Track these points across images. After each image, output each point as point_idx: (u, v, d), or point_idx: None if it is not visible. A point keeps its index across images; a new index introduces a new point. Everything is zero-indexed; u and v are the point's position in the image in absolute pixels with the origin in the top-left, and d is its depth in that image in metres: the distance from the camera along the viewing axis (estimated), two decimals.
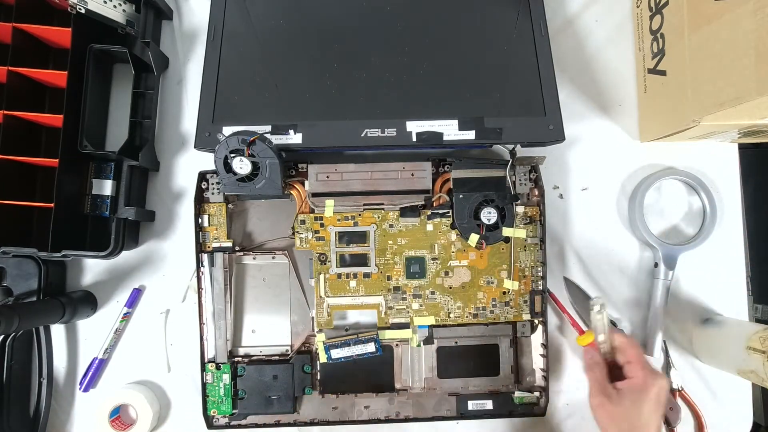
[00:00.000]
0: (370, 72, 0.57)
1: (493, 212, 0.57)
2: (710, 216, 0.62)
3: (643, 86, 0.64)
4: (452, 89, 0.57)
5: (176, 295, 0.62)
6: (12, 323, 0.49)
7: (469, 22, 0.59)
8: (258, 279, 0.61)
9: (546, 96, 0.56)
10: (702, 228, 0.63)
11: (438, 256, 0.58)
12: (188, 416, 0.60)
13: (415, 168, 0.58)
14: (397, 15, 0.60)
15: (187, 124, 0.63)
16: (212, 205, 0.59)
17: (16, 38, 0.55)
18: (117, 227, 0.57)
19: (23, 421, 0.58)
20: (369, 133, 0.55)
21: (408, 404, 0.59)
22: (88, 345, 0.61)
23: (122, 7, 0.57)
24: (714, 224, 0.62)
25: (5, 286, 0.56)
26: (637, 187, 0.63)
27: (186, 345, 0.61)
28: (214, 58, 0.57)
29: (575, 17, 0.66)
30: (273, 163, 0.53)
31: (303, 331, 0.60)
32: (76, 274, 0.62)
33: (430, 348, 0.59)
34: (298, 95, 0.57)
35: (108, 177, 0.60)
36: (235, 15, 0.59)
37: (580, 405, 0.62)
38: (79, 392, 0.60)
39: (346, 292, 0.58)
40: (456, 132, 0.55)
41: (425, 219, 0.58)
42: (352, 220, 0.58)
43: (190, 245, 0.58)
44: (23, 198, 0.56)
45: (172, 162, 0.63)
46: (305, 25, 0.59)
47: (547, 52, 0.58)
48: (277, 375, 0.58)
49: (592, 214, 0.64)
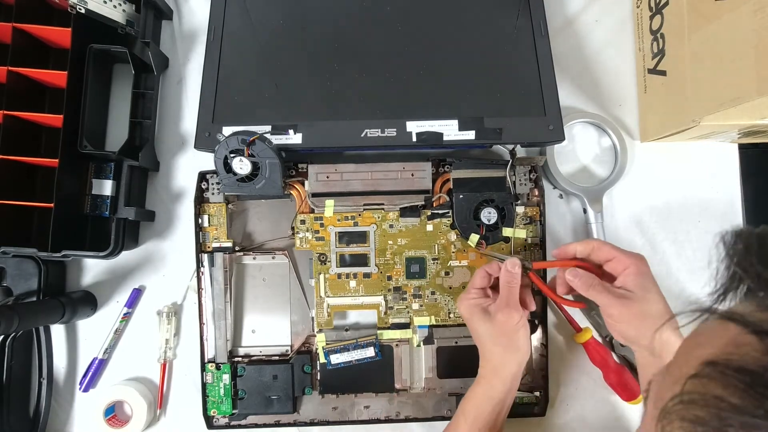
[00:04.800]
0: (370, 72, 0.57)
1: (493, 212, 0.57)
2: (620, 151, 0.63)
3: (643, 86, 0.64)
4: (452, 89, 0.57)
5: (176, 295, 0.62)
6: (12, 323, 0.49)
7: (469, 22, 0.59)
8: (258, 279, 0.61)
9: (546, 96, 0.56)
10: (616, 162, 0.63)
11: (438, 256, 0.58)
12: (188, 416, 0.60)
13: (415, 168, 0.58)
14: (397, 15, 0.60)
15: (187, 124, 0.63)
16: (212, 205, 0.59)
17: (16, 38, 0.55)
18: (117, 227, 0.57)
19: (23, 421, 0.58)
20: (369, 133, 0.55)
21: (408, 404, 0.59)
22: (88, 345, 0.61)
23: (122, 7, 0.57)
24: (626, 157, 0.63)
25: (5, 286, 0.56)
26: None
27: (186, 345, 0.61)
28: (214, 58, 0.57)
29: (575, 17, 0.66)
30: (273, 163, 0.53)
31: (303, 331, 0.60)
32: (76, 274, 0.61)
33: (430, 348, 0.59)
34: (298, 95, 0.57)
35: (108, 177, 0.59)
36: (235, 15, 0.59)
37: (580, 405, 0.62)
38: (79, 392, 0.60)
39: (346, 292, 0.58)
40: (456, 132, 0.55)
41: (425, 219, 0.58)
42: (352, 220, 0.58)
43: (190, 245, 0.58)
44: (23, 198, 0.56)
45: (172, 162, 0.63)
46: (305, 25, 0.59)
47: (547, 52, 0.58)
48: (277, 375, 0.58)
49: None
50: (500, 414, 0.50)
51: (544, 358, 0.59)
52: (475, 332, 0.51)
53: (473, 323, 0.50)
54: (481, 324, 0.50)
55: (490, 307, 0.50)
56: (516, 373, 0.50)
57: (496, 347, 0.49)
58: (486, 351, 0.50)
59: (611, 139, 0.64)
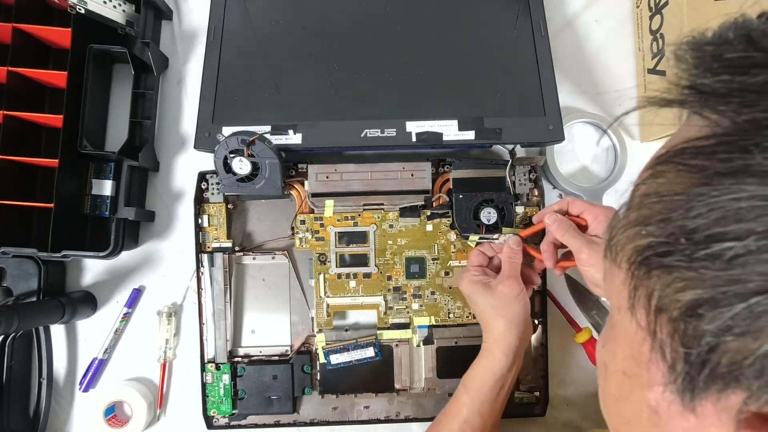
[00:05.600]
0: (370, 72, 0.57)
1: (493, 212, 0.57)
2: (620, 151, 0.63)
3: (643, 86, 0.64)
4: (452, 89, 0.57)
5: (176, 295, 0.62)
6: (12, 323, 0.49)
7: (469, 22, 0.59)
8: (258, 279, 0.61)
9: (546, 96, 0.56)
10: (616, 162, 0.63)
11: (438, 256, 0.58)
12: (188, 416, 0.60)
13: (415, 168, 0.58)
14: (397, 15, 0.60)
15: (186, 124, 0.63)
16: (212, 206, 0.59)
17: (16, 38, 0.55)
18: (117, 227, 0.57)
19: (23, 421, 0.58)
20: (369, 134, 0.55)
21: (408, 404, 0.59)
22: (88, 345, 0.61)
23: (122, 7, 0.57)
24: (626, 157, 0.63)
25: (5, 286, 0.56)
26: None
27: (186, 345, 0.61)
28: (214, 58, 0.57)
29: (575, 17, 0.66)
30: (273, 164, 0.53)
31: (303, 331, 0.60)
32: (76, 274, 0.61)
33: (430, 348, 0.59)
34: (298, 95, 0.57)
35: (108, 177, 0.59)
36: (235, 15, 0.59)
37: (580, 405, 0.62)
38: (79, 392, 0.60)
39: (346, 292, 0.58)
40: (456, 132, 0.55)
41: (425, 219, 0.58)
42: (351, 220, 0.58)
43: (190, 245, 0.58)
44: (23, 198, 0.56)
45: (172, 162, 0.63)
46: (305, 25, 0.59)
47: (547, 52, 0.58)
48: (277, 375, 0.58)
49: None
50: (502, 390, 0.49)
51: (544, 358, 0.59)
52: (476, 306, 0.52)
53: (475, 297, 0.51)
54: (482, 297, 0.50)
55: (491, 282, 0.51)
56: (518, 347, 0.49)
57: (497, 319, 0.50)
58: (488, 323, 0.50)
59: (611, 139, 0.64)
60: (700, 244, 0.18)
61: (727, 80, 0.19)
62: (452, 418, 0.50)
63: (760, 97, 0.18)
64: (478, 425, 0.48)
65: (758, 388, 0.17)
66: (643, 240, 0.20)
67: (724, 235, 0.17)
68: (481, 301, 0.51)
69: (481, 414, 0.49)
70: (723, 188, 0.17)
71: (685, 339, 0.19)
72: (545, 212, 0.52)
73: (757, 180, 0.17)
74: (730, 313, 0.17)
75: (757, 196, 0.16)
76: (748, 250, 0.16)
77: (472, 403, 0.49)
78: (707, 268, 0.17)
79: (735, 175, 0.17)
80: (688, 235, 0.18)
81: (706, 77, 0.20)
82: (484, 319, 0.51)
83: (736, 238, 0.17)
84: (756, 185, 0.17)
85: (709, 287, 0.17)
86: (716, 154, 0.18)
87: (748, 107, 0.18)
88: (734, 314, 0.17)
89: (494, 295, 0.50)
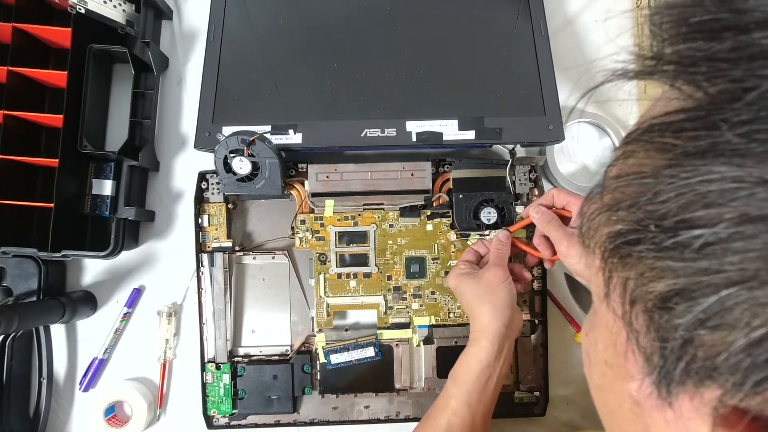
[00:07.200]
0: (370, 72, 0.57)
1: (493, 212, 0.57)
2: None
3: (643, 86, 0.64)
4: (452, 89, 0.57)
5: (176, 295, 0.62)
6: (12, 323, 0.49)
7: (469, 22, 0.59)
8: (258, 279, 0.61)
9: (546, 96, 0.56)
10: None
11: (438, 256, 0.58)
12: (188, 416, 0.60)
13: (415, 168, 0.58)
14: (396, 15, 0.60)
15: (187, 124, 0.63)
16: (212, 205, 0.59)
17: (16, 38, 0.55)
18: (117, 227, 0.57)
19: (23, 421, 0.58)
20: (369, 133, 0.55)
21: (408, 404, 0.59)
22: (88, 345, 0.61)
23: (122, 7, 0.57)
24: None
25: (5, 286, 0.56)
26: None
27: (186, 345, 0.61)
28: (214, 58, 0.57)
29: (575, 17, 0.66)
30: (273, 163, 0.53)
31: (303, 331, 0.60)
32: (76, 274, 0.61)
33: (430, 348, 0.59)
34: (298, 95, 0.57)
35: (108, 177, 0.59)
36: (235, 15, 0.59)
37: (580, 405, 0.62)
38: (79, 392, 0.60)
39: (346, 292, 0.58)
40: (456, 132, 0.55)
41: (425, 219, 0.58)
42: (352, 220, 0.58)
43: (190, 245, 0.58)
44: (23, 198, 0.56)
45: (172, 162, 0.63)
46: (305, 25, 0.59)
47: (547, 52, 0.58)
48: (277, 375, 0.58)
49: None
50: (490, 380, 0.48)
51: (544, 358, 0.59)
52: (463, 297, 0.52)
53: (462, 288, 0.51)
54: (468, 287, 0.51)
55: (478, 272, 0.51)
56: (504, 334, 0.48)
57: (482, 306, 0.49)
58: (474, 310, 0.50)
59: (611, 139, 0.64)
60: (669, 231, 0.16)
61: (694, 47, 0.17)
62: (440, 410, 0.49)
63: (730, 66, 0.16)
64: (466, 416, 0.47)
65: (733, 385, 0.16)
66: (614, 226, 0.19)
67: (692, 221, 0.16)
68: (467, 291, 0.51)
69: (468, 405, 0.47)
70: (692, 169, 0.16)
71: (660, 332, 0.18)
72: (532, 206, 0.52)
73: (726, 160, 0.15)
74: (701, 306, 0.16)
75: (727, 177, 0.15)
76: (718, 237, 0.15)
77: (459, 394, 0.48)
78: (676, 258, 0.16)
79: (704, 155, 0.16)
80: (657, 222, 0.17)
81: (674, 44, 0.18)
82: (471, 307, 0.51)
83: (706, 225, 0.15)
84: (726, 166, 0.15)
85: (679, 277, 0.16)
86: (684, 131, 0.17)
87: (718, 77, 0.16)
88: (706, 307, 0.16)
89: (480, 283, 0.50)
